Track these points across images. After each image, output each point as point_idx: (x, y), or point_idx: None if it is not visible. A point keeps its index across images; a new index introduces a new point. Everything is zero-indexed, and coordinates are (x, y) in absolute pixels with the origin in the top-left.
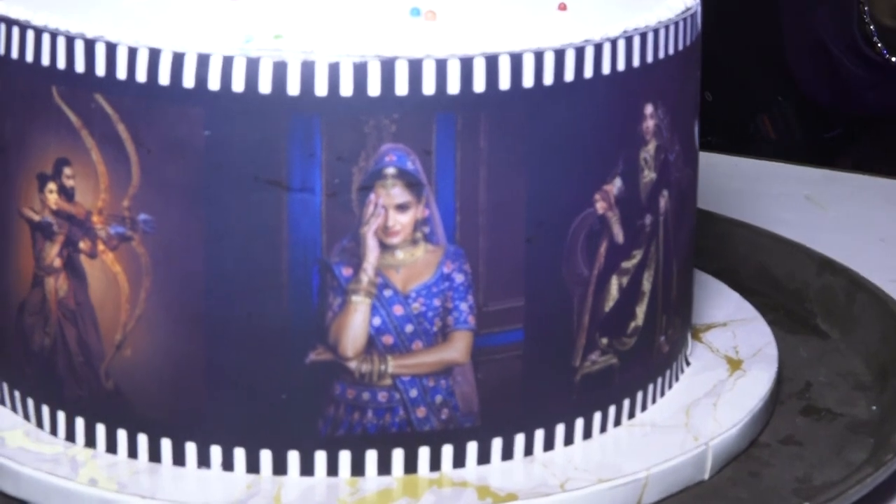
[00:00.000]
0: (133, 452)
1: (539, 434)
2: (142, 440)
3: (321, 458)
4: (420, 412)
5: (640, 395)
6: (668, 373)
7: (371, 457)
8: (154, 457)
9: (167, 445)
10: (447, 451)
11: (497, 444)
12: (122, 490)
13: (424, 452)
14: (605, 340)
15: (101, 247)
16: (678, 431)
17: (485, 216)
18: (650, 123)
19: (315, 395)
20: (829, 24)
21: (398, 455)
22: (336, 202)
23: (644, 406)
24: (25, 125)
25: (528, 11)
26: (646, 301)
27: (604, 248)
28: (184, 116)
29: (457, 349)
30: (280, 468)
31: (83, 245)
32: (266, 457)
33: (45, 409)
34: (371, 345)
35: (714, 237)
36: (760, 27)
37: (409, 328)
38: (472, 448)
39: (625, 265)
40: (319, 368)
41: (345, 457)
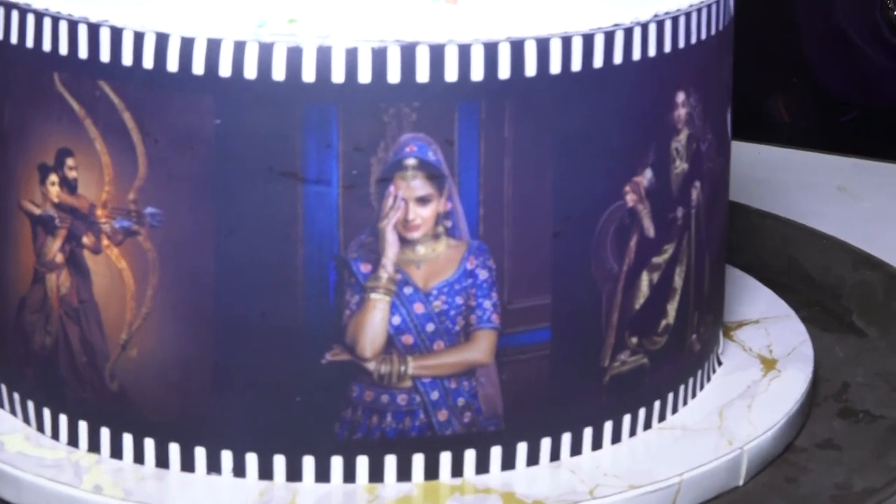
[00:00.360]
0: (139, 458)
1: (566, 438)
2: (148, 445)
3: (338, 464)
4: (441, 415)
5: (671, 397)
6: (700, 373)
7: (390, 462)
8: (161, 462)
9: (175, 450)
10: (470, 457)
11: (522, 449)
12: (129, 497)
13: (446, 457)
14: (635, 339)
15: (106, 242)
16: (711, 435)
17: (510, 209)
18: (682, 111)
19: (331, 398)
20: (851, 11)
21: (418, 460)
22: (354, 195)
23: (675, 408)
24: (26, 114)
25: None
26: (677, 298)
27: (634, 243)
28: (193, 105)
29: (480, 349)
30: (294, 474)
31: (86, 240)
32: (280, 462)
33: (47, 412)
34: (390, 345)
35: (742, 230)
36: (775, 9)
37: (431, 327)
38: (496, 453)
39: (655, 260)
40: (336, 369)
41: (362, 462)
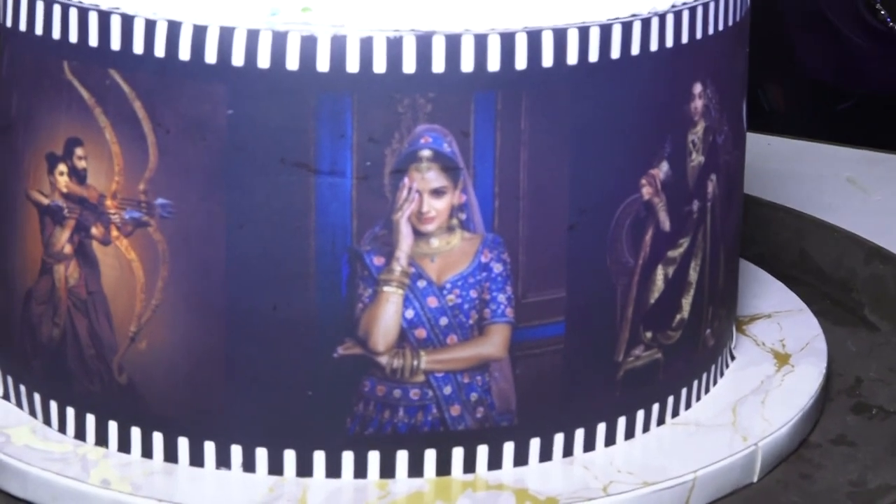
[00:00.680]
0: (148, 452)
1: (579, 434)
2: (157, 439)
3: (349, 459)
4: (454, 410)
5: (685, 392)
6: (714, 368)
7: (402, 457)
8: (170, 457)
9: (184, 444)
10: (482, 452)
11: (535, 445)
12: (137, 492)
13: (458, 453)
14: (650, 334)
15: (115, 233)
16: (725, 431)
17: (525, 202)
18: (699, 103)
19: (343, 392)
20: None
21: (430, 456)
22: (367, 186)
23: (688, 404)
24: (34, 102)
25: None
26: (692, 292)
27: (649, 236)
28: (205, 94)
29: (494, 343)
30: (305, 469)
31: (95, 231)
32: (290, 457)
33: (54, 405)
34: (403, 339)
35: (752, 221)
36: None
37: (444, 321)
38: (509, 448)
39: (671, 254)
40: (348, 363)
41: (374, 457)
